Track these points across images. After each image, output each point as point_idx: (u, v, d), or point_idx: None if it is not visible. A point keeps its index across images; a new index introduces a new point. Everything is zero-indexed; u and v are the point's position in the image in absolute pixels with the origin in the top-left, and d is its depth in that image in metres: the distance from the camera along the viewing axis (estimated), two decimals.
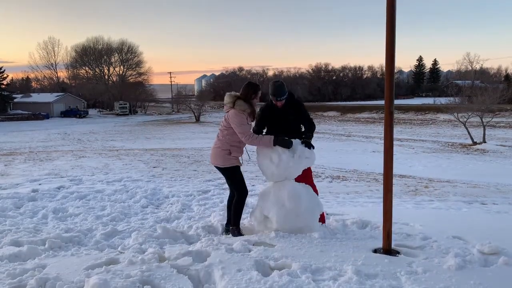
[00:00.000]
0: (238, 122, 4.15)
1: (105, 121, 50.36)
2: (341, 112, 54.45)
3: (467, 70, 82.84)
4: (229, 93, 4.34)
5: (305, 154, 4.24)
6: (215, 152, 4.40)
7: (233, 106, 4.21)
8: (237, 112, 4.18)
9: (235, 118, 4.16)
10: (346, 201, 6.94)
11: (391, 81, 3.52)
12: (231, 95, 4.31)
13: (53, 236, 4.40)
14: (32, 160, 13.20)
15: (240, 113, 4.19)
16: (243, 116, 4.19)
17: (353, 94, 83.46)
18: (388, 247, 3.67)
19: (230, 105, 4.23)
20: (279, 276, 3.12)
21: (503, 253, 3.48)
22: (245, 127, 4.17)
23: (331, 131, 35.17)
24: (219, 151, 4.35)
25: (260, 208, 4.38)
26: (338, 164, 13.14)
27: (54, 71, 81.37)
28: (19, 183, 8.38)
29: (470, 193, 8.17)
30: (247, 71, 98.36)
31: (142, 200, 6.40)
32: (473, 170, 13.55)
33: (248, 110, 4.25)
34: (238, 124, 4.15)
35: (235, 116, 4.17)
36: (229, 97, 4.29)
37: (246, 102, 4.24)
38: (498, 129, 32.16)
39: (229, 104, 4.24)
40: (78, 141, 24.55)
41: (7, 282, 3.18)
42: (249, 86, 4.35)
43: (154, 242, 4.29)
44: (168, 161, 13.01)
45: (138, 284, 3.07)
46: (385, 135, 3.65)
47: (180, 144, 22.08)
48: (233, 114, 4.18)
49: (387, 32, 3.44)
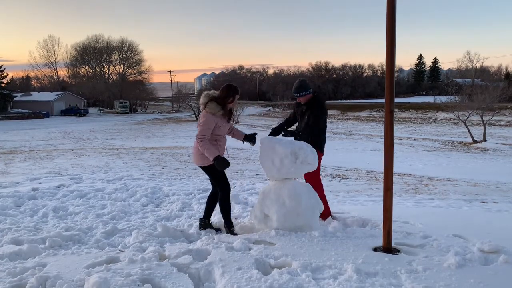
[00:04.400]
0: (202, 122, 4.22)
1: (105, 120, 50.36)
2: (342, 111, 54.42)
3: (468, 69, 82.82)
4: (205, 93, 4.38)
5: (307, 160, 4.23)
6: (194, 152, 4.49)
7: (205, 108, 4.27)
8: (205, 113, 4.25)
9: (201, 119, 4.25)
10: (346, 200, 6.94)
11: (392, 79, 3.51)
12: (207, 95, 4.33)
13: (53, 235, 4.40)
14: (32, 159, 13.20)
15: (209, 115, 4.24)
16: (209, 118, 4.23)
17: (354, 93, 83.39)
18: (388, 246, 3.67)
19: (202, 106, 4.29)
20: (279, 275, 3.12)
21: (503, 252, 3.47)
22: (203, 129, 4.20)
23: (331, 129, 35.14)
24: (196, 151, 4.41)
25: (261, 206, 4.38)
26: (338, 163, 13.14)
27: (54, 70, 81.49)
28: (20, 181, 8.38)
29: (470, 192, 8.17)
30: (247, 70, 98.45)
31: (142, 199, 6.40)
32: (474, 169, 13.55)
33: (220, 112, 4.30)
34: (200, 123, 4.23)
35: (203, 117, 4.25)
36: (204, 97, 4.34)
37: (219, 104, 4.28)
38: (499, 128, 32.15)
39: (202, 105, 4.31)
40: (78, 139, 24.55)
41: (8, 281, 3.19)
42: (228, 88, 4.35)
43: (154, 240, 4.29)
44: (168, 159, 13.01)
45: (138, 283, 3.08)
46: (385, 134, 3.65)
47: (180, 142, 22.09)
48: (202, 115, 4.27)
49: (387, 31, 3.44)
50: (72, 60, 76.64)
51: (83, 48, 75.16)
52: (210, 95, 4.34)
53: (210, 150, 4.18)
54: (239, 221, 5.02)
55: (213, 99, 4.29)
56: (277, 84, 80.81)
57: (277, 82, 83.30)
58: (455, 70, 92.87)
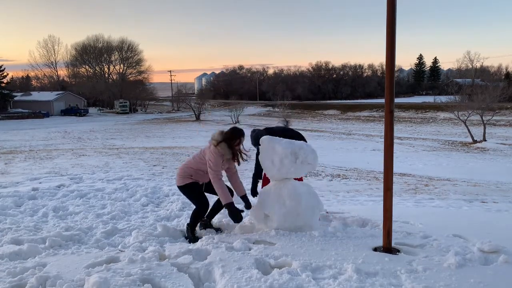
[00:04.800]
0: (213, 160, 4.29)
1: (105, 120, 50.36)
2: (342, 111, 54.44)
3: (468, 69, 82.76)
4: (219, 131, 4.43)
5: (307, 160, 4.23)
6: (179, 171, 4.54)
7: (217, 145, 4.31)
8: (215, 150, 4.31)
9: (212, 155, 4.29)
10: (346, 200, 6.95)
11: (392, 79, 3.51)
12: (220, 134, 4.38)
13: (53, 235, 4.40)
14: (33, 159, 13.20)
15: (219, 154, 4.31)
16: (218, 156, 4.31)
17: (354, 93, 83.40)
18: (388, 246, 3.67)
19: (215, 143, 4.33)
20: (279, 275, 3.12)
21: (503, 252, 3.47)
22: (216, 167, 4.31)
23: (331, 129, 35.16)
24: (182, 172, 4.49)
25: (261, 206, 4.38)
26: (338, 163, 13.14)
27: (54, 70, 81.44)
28: (20, 181, 8.38)
29: (470, 192, 8.17)
30: (247, 70, 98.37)
31: (142, 199, 6.40)
32: (473, 169, 13.56)
33: (228, 157, 4.38)
34: (213, 162, 4.29)
35: (213, 153, 4.30)
36: (217, 135, 4.37)
37: (228, 147, 4.36)
38: (499, 128, 32.16)
39: (214, 142, 4.34)
40: (78, 139, 24.55)
41: (8, 281, 3.19)
42: (234, 132, 4.42)
43: (154, 240, 4.29)
44: (168, 159, 13.01)
45: (138, 283, 3.08)
46: (385, 134, 3.65)
47: (180, 142, 22.10)
48: (213, 151, 4.31)
49: (387, 31, 3.44)
50: (72, 60, 76.65)
51: (83, 48, 75.13)
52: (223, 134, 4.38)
53: (225, 194, 4.28)
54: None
55: (226, 140, 4.35)
56: (277, 84, 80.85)
57: (277, 82, 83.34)
58: (455, 70, 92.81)
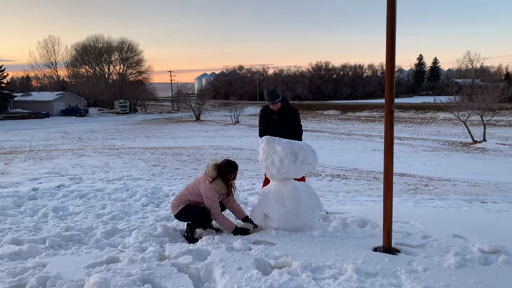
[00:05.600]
0: (210, 196, 4.33)
1: (105, 120, 50.37)
2: (342, 111, 54.45)
3: (468, 69, 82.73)
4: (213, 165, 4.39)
5: (307, 160, 4.23)
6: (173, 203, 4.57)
7: (212, 182, 4.32)
8: (210, 186, 4.33)
9: (208, 192, 4.33)
10: (346, 200, 6.94)
11: (392, 79, 3.51)
12: (214, 169, 4.36)
13: (53, 235, 4.40)
14: (32, 159, 13.20)
15: (215, 190, 4.34)
16: (216, 194, 4.35)
17: (354, 93, 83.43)
18: (388, 246, 3.67)
19: (210, 180, 4.34)
20: (279, 275, 3.12)
21: (503, 252, 3.48)
22: (214, 203, 4.35)
23: (331, 129, 35.16)
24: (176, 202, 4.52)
25: (261, 206, 4.38)
26: (338, 163, 13.14)
27: (54, 70, 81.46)
28: (19, 181, 8.37)
29: (470, 192, 8.17)
30: (247, 70, 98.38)
31: (142, 199, 6.39)
32: (473, 169, 13.56)
33: (223, 192, 4.40)
34: (209, 198, 4.33)
35: (209, 190, 4.33)
36: (212, 171, 4.36)
37: (224, 183, 4.36)
38: (499, 128, 32.17)
39: (210, 178, 4.34)
40: (78, 139, 24.56)
41: (8, 281, 3.19)
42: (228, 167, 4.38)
43: (154, 240, 4.29)
44: (168, 159, 13.00)
45: (138, 283, 3.08)
46: (385, 134, 3.65)
47: (180, 142, 22.10)
48: (208, 187, 4.33)
49: (388, 31, 3.44)
50: (72, 60, 76.70)
51: (83, 48, 75.16)
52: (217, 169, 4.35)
53: (227, 224, 4.36)
54: (239, 221, 5.02)
55: (222, 176, 4.34)
56: (277, 84, 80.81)
57: (277, 82, 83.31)
58: (455, 70, 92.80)
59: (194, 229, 4.55)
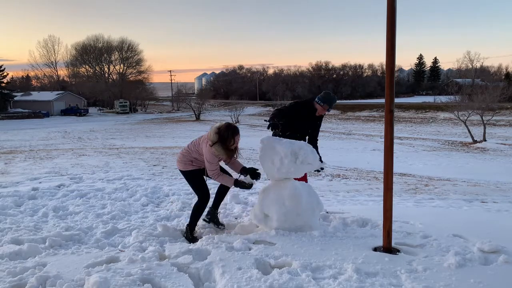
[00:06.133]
0: (209, 159, 4.31)
1: (105, 120, 50.37)
2: (342, 111, 54.42)
3: (468, 69, 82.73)
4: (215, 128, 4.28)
5: (307, 160, 4.22)
6: (179, 156, 4.58)
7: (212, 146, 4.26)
8: (210, 150, 4.28)
9: (207, 154, 4.31)
10: (346, 200, 6.94)
11: (392, 79, 3.51)
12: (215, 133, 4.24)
13: (53, 235, 4.40)
14: (32, 159, 13.20)
15: (215, 154, 4.30)
16: (216, 157, 4.32)
17: (354, 93, 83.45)
18: (388, 246, 3.67)
19: (210, 143, 4.27)
20: (279, 275, 3.12)
21: (503, 252, 3.47)
22: (212, 165, 4.33)
23: (331, 129, 35.15)
24: (182, 157, 4.53)
25: (261, 206, 4.38)
26: (338, 163, 13.14)
27: (54, 70, 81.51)
28: (19, 181, 8.37)
29: (470, 192, 8.17)
30: (247, 70, 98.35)
31: (142, 199, 6.39)
32: (473, 169, 13.56)
33: (223, 157, 4.36)
34: (208, 160, 4.31)
35: (208, 153, 4.30)
36: (213, 134, 4.25)
37: (223, 149, 4.27)
38: (499, 128, 32.18)
39: (210, 142, 4.27)
40: (78, 139, 24.56)
41: (8, 280, 3.19)
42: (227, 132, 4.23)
43: (155, 240, 4.29)
44: (168, 159, 12.99)
45: (138, 282, 3.08)
46: (385, 134, 3.65)
47: (180, 142, 22.07)
48: (208, 150, 4.28)
49: (388, 30, 3.43)
50: (72, 60, 76.76)
51: (83, 47, 75.18)
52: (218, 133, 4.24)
53: (227, 179, 4.37)
54: (239, 221, 5.02)
55: (221, 141, 4.23)
56: (277, 84, 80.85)
57: (277, 82, 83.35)
58: (455, 70, 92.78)
59: (195, 223, 4.54)
